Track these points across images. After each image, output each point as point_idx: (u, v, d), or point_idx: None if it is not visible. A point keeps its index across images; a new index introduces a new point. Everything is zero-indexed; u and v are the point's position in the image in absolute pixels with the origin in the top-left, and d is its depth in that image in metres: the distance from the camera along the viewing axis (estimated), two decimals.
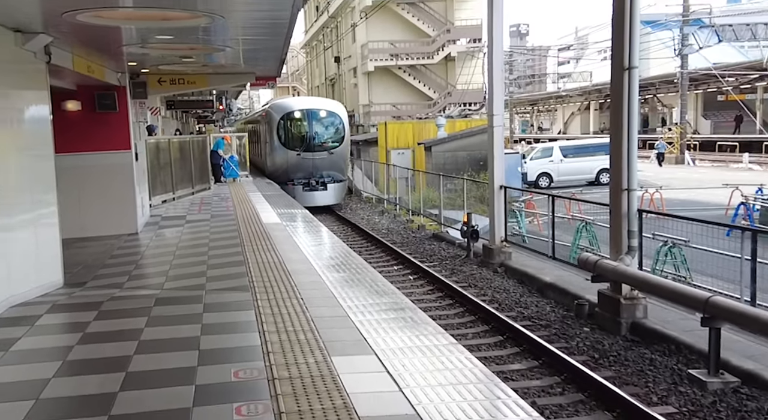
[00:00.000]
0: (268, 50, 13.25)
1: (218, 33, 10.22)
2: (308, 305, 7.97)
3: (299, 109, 30.78)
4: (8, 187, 8.43)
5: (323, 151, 29.69)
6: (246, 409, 5.10)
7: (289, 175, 29.29)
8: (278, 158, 30.08)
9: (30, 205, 9.25)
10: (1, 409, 5.35)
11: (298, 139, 30.16)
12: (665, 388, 8.81)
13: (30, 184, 9.31)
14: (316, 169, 29.22)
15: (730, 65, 50.07)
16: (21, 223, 8.86)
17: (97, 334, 7.35)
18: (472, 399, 5.18)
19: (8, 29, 8.73)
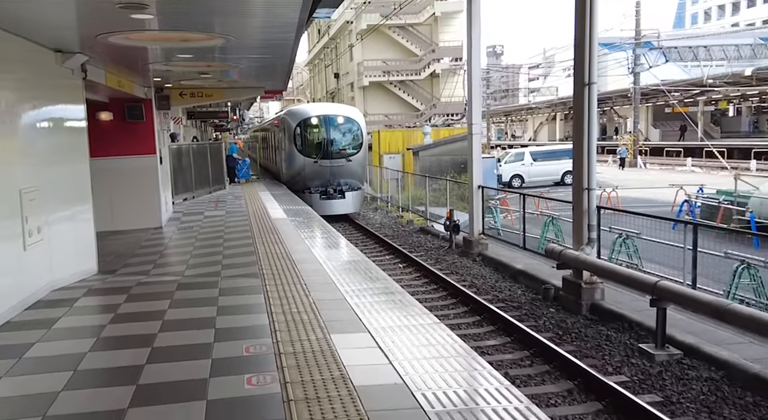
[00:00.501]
0: (276, 67, 13.23)
1: (232, 52, 10.21)
2: (310, 289, 7.99)
3: (316, 116, 25.95)
4: (50, 188, 8.41)
5: (341, 159, 25.06)
6: (256, 379, 5.12)
7: (306, 183, 24.72)
8: (295, 165, 25.33)
9: (69, 203, 9.25)
10: (44, 379, 5.37)
11: (316, 146, 25.38)
12: (619, 359, 8.85)
13: (69, 184, 9.32)
14: (333, 177, 24.73)
15: (676, 82, 50.24)
16: (61, 218, 8.85)
17: (127, 314, 7.38)
18: (452, 370, 5.21)
19: (50, 50, 8.74)
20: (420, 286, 13.78)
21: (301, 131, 25.31)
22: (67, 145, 9.39)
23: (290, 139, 25.21)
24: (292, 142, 25.12)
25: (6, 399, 5.04)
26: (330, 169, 24.75)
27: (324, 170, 24.71)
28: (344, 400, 4.66)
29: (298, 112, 27.07)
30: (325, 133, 25.44)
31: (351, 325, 6.47)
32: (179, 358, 5.73)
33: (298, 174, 25.20)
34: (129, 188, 14.03)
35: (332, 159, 24.87)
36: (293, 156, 25.19)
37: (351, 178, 25.18)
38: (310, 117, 25.84)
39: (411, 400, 4.63)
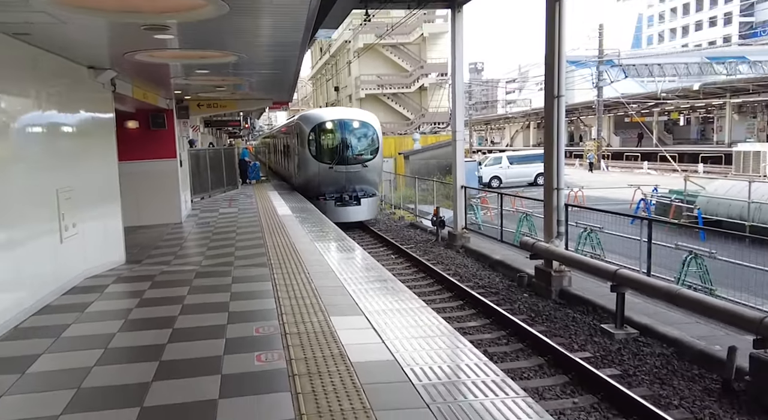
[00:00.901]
0: (282, 81, 13.22)
1: (244, 68, 10.19)
2: (313, 277, 7.97)
3: (331, 120, 22.03)
4: (83, 188, 8.40)
5: (357, 164, 21.34)
6: (264, 356, 5.12)
7: (320, 189, 21.19)
8: (309, 171, 21.60)
9: (100, 201, 9.23)
10: (79, 356, 5.38)
11: (331, 152, 21.67)
12: (583, 338, 8.89)
13: (99, 185, 9.31)
14: (349, 183, 21.11)
15: (633, 95, 50.46)
16: (93, 215, 8.83)
17: (151, 299, 7.36)
18: (437, 348, 5.22)
19: (83, 66, 8.73)
20: (410, 275, 13.81)
21: (315, 136, 21.68)
22: (98, 150, 9.38)
23: (304, 144, 21.64)
24: (306, 147, 21.48)
25: (46, 373, 5.03)
26: (345, 174, 21.13)
27: (339, 176, 21.06)
28: (342, 374, 4.67)
29: (312, 117, 22.92)
30: (340, 137, 21.74)
31: (348, 308, 6.47)
32: (197, 338, 5.73)
33: (312, 180, 21.60)
34: (152, 188, 14.01)
35: (348, 164, 21.19)
36: (307, 161, 21.57)
37: (366, 184, 21.49)
38: (324, 121, 21.96)
39: (401, 374, 4.64)
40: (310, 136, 21.51)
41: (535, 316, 10.11)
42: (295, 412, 4.05)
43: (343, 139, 21.60)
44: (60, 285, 7.66)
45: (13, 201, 6.43)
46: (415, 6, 17.15)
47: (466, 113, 59.50)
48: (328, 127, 21.83)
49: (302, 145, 21.83)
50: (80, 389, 4.64)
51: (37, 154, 7.15)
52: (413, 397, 4.22)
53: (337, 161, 21.18)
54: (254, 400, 4.30)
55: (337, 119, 22.06)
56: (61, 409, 4.31)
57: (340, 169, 21.13)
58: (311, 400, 4.21)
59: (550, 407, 6.68)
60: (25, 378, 4.93)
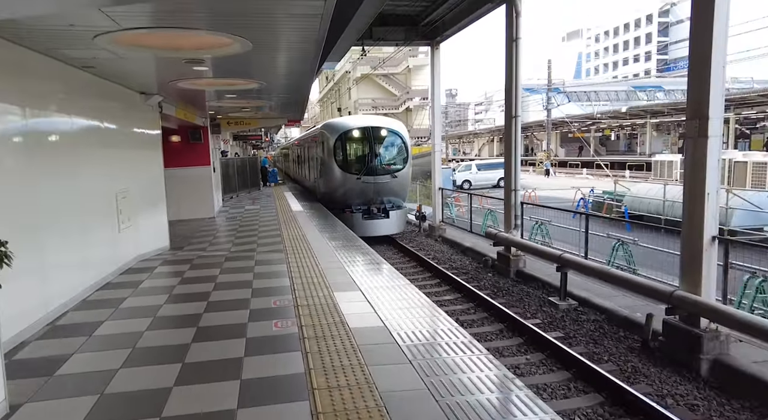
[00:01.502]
0: (295, 103, 13.19)
1: (264, 93, 10.18)
2: (319, 260, 7.97)
3: (358, 128, 16.95)
4: (136, 189, 8.37)
5: (386, 175, 16.44)
6: (281, 323, 5.13)
7: (347, 201, 16.46)
8: (335, 183, 16.67)
9: (149, 200, 9.19)
10: (133, 323, 5.37)
11: (358, 162, 16.67)
12: (535, 308, 8.92)
13: (150, 187, 9.29)
14: (377, 195, 16.39)
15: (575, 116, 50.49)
16: (144, 211, 8.80)
17: (190, 278, 7.34)
18: (419, 317, 5.23)
19: (136, 92, 8.70)
20: (397, 258, 13.79)
21: (341, 145, 16.73)
22: (148, 159, 9.33)
23: (329, 153, 16.65)
24: (332, 157, 16.50)
25: (108, 336, 5.02)
26: (374, 186, 16.24)
27: (367, 187, 16.20)
28: (342, 337, 4.67)
29: (337, 125, 17.54)
30: (368, 146, 16.70)
31: (348, 285, 6.47)
32: (227, 309, 5.73)
33: (337, 192, 16.60)
34: (191, 189, 13.99)
35: (376, 175, 16.18)
36: (332, 172, 16.55)
37: (395, 195, 16.63)
38: (351, 129, 16.84)
39: (389, 337, 4.65)
40: (336, 146, 16.61)
41: (497, 291, 10.14)
42: (305, 367, 4.05)
43: (371, 148, 16.59)
44: (118, 266, 7.64)
45: (82, 201, 6.41)
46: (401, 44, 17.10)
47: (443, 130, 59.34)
48: (355, 136, 16.80)
49: (327, 154, 16.78)
50: (134, 349, 4.64)
51: (99, 163, 7.12)
52: (399, 355, 4.24)
53: (365, 172, 16.19)
54: (272, 358, 4.31)
55: (365, 127, 16.90)
56: (120, 364, 4.31)
57: (368, 180, 16.19)
58: (317, 358, 4.22)
59: (507, 362, 6.71)
60: (92, 339, 4.93)
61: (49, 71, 5.77)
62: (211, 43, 5.49)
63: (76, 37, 4.91)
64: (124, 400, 3.71)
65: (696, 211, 6.45)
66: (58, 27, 4.59)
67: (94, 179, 6.87)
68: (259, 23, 4.81)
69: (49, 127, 5.77)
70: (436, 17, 15.12)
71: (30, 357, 4.56)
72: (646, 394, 5.72)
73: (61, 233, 5.80)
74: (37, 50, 5.40)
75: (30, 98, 5.31)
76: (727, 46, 6.22)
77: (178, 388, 3.83)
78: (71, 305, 5.96)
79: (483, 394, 3.55)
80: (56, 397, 3.79)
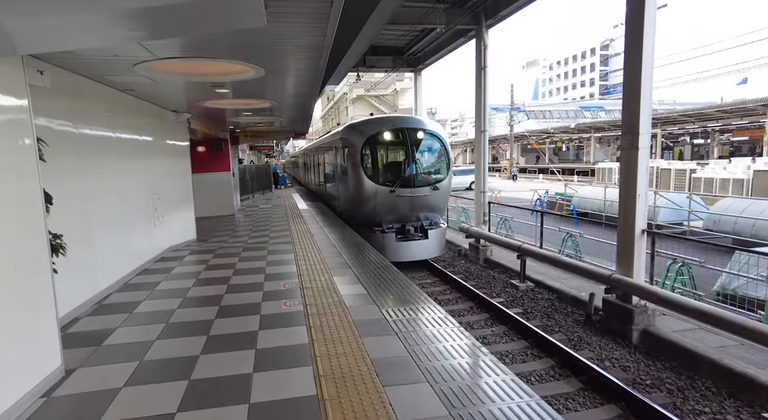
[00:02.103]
0: (301, 119, 13.11)
1: (275, 111, 10.11)
2: (320, 249, 7.96)
3: (391, 130, 10.85)
4: (169, 191, 8.32)
5: (425, 186, 10.68)
6: (289, 303, 5.12)
7: (377, 219, 10.81)
8: (362, 196, 10.72)
9: (179, 200, 9.12)
10: (166, 303, 5.34)
11: (393, 171, 10.79)
12: (499, 289, 8.98)
13: (179, 189, 9.19)
14: (413, 211, 10.80)
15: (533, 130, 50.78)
16: (175, 209, 8.74)
17: (214, 265, 7.30)
18: (403, 295, 5.24)
19: (169, 110, 8.61)
20: None
21: (370, 151, 10.99)
22: (178, 166, 9.25)
23: (355, 162, 10.91)
24: (359, 165, 10.85)
25: (146, 313, 5.00)
26: (411, 200, 10.71)
27: (402, 202, 10.72)
28: (340, 313, 4.70)
29: (364, 127, 11.39)
30: (403, 152, 10.95)
31: (344, 271, 6.47)
32: (244, 291, 5.71)
33: (366, 207, 10.89)
34: (214, 191, 13.88)
35: (414, 187, 10.65)
36: (360, 184, 10.86)
37: (433, 211, 11.03)
38: (381, 132, 10.95)
39: (379, 314, 4.67)
40: (364, 152, 10.87)
41: (468, 275, 10.19)
42: (309, 338, 4.07)
43: (408, 154, 10.77)
44: (154, 255, 7.58)
45: (124, 200, 6.37)
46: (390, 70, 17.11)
47: None
48: (387, 139, 10.97)
49: (353, 163, 10.97)
50: (168, 324, 4.63)
51: (138, 169, 7.06)
52: (386, 328, 4.27)
53: (400, 183, 10.59)
54: (281, 331, 4.31)
55: (399, 128, 10.97)
56: (156, 336, 4.30)
57: (404, 193, 10.62)
58: (319, 331, 4.24)
59: (476, 334, 6.77)
60: (132, 316, 4.90)
61: (95, 93, 5.73)
62: (231, 70, 5.47)
63: (118, 65, 4.89)
64: (160, 365, 3.71)
65: (629, 209, 6.55)
66: (104, 57, 4.56)
67: (134, 183, 6.83)
68: (271, 53, 4.82)
69: (96, 140, 5.72)
70: (418, 49, 15.14)
71: (81, 330, 4.54)
72: (589, 358, 5.81)
73: (107, 227, 5.76)
74: (86, 76, 5.36)
75: (79, 115, 5.27)
76: (653, 74, 6.32)
77: (204, 356, 3.83)
78: (115, 288, 5.93)
79: (455, 360, 3.59)
80: (104, 363, 3.79)
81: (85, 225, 5.20)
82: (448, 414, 2.82)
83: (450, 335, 4.08)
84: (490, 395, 3.02)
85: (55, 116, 4.75)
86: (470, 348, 3.80)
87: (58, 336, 3.59)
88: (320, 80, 6.80)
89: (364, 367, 3.49)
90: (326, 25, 3.88)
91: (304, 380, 3.33)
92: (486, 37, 10.92)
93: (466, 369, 3.41)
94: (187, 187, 9.62)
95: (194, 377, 3.47)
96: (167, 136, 8.63)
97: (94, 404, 3.14)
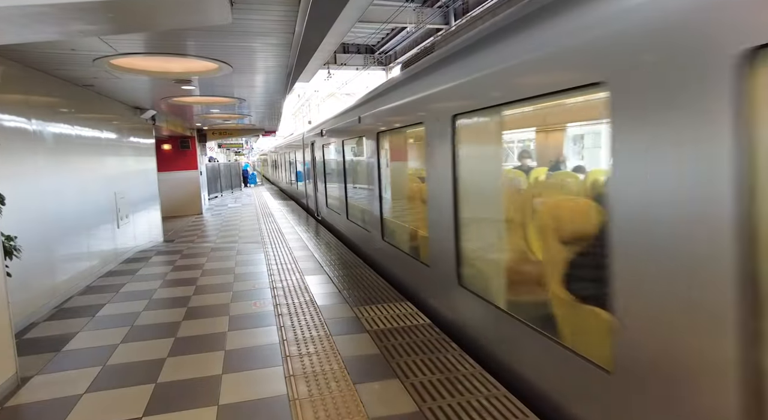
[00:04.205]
0: (271, 117, 12.99)
1: (244, 108, 9.98)
2: (292, 249, 7.90)
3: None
4: (133, 190, 8.11)
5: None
6: (259, 303, 5.07)
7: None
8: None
9: (145, 199, 8.90)
10: (132, 305, 5.20)
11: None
12: None
13: (146, 188, 9.00)
14: None
15: None
16: (142, 208, 8.55)
17: (181, 265, 7.16)
18: (375, 294, 5.23)
19: (131, 107, 8.40)
20: None
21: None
22: (143, 165, 9.02)
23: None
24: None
25: (110, 316, 4.86)
26: None
27: None
28: (312, 313, 4.69)
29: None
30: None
31: (316, 270, 6.43)
32: (212, 291, 5.62)
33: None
34: (182, 190, 13.61)
35: None
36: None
37: None
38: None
39: (351, 312, 4.68)
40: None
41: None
42: (279, 338, 4.05)
43: None
44: (118, 257, 7.38)
45: (84, 200, 6.17)
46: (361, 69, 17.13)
47: None
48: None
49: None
50: (132, 327, 4.52)
51: (99, 168, 6.85)
52: (358, 326, 4.28)
53: None
54: (251, 331, 4.27)
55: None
56: (120, 339, 4.19)
57: None
58: (290, 330, 4.22)
59: None
60: (94, 320, 4.76)
61: (51, 88, 5.52)
62: (197, 67, 5.38)
63: (76, 60, 4.72)
64: (124, 369, 3.62)
65: None
66: (61, 51, 4.40)
67: (95, 182, 6.62)
68: (239, 51, 4.75)
69: (53, 137, 5.51)
70: (389, 47, 15.21)
71: (38, 336, 4.37)
72: None
73: (66, 228, 5.57)
74: (42, 70, 5.16)
75: (34, 111, 5.07)
76: None
77: (171, 359, 3.76)
78: (76, 291, 5.73)
79: (426, 355, 3.64)
80: (63, 369, 3.66)
81: (41, 226, 5.01)
82: (418, 409, 2.86)
83: (420, 330, 4.13)
84: (459, 388, 3.08)
85: (6, 112, 4.56)
86: (440, 342, 3.87)
87: (12, 342, 3.45)
88: (290, 77, 6.76)
89: (336, 365, 3.50)
90: (294, 22, 3.87)
91: (275, 380, 3.32)
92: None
93: (436, 363, 3.47)
94: (152, 187, 9.39)
95: (161, 380, 3.40)
96: (131, 133, 8.40)
97: (53, 413, 3.04)
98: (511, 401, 2.89)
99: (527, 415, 2.73)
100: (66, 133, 5.83)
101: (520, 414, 2.75)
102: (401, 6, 11.14)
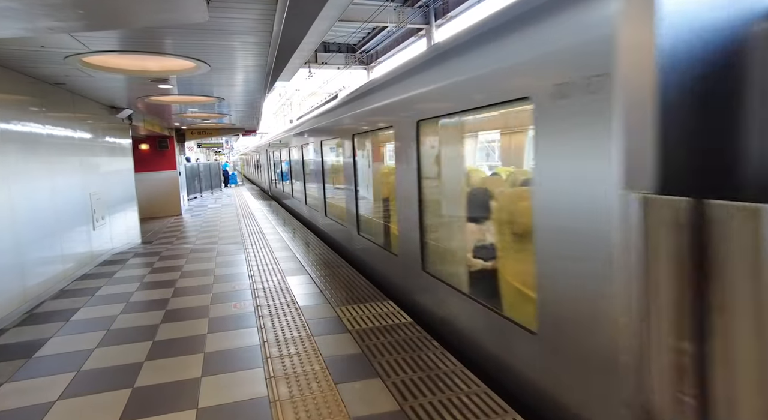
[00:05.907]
0: (251, 116, 12.85)
1: (224, 107, 9.85)
2: (273, 250, 7.84)
3: None
4: (110, 191, 7.92)
5: None
6: (239, 304, 5.02)
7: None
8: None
9: (122, 200, 8.72)
10: (108, 309, 5.08)
11: None
12: None
13: (123, 189, 8.81)
14: None
15: None
16: (119, 209, 8.36)
17: (159, 268, 7.03)
18: (357, 294, 5.25)
19: (107, 107, 8.20)
20: None
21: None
22: (119, 165, 8.83)
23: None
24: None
25: (84, 320, 4.74)
26: None
27: None
28: (293, 314, 4.65)
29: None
30: None
31: (298, 271, 6.39)
32: (192, 294, 5.53)
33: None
34: (160, 190, 13.37)
35: None
36: None
37: None
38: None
39: (333, 312, 4.66)
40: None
41: None
42: (260, 340, 4.01)
43: None
44: (94, 259, 7.21)
45: (57, 202, 5.99)
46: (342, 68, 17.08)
47: None
48: None
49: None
50: (109, 331, 4.42)
51: (73, 169, 6.68)
52: (340, 327, 4.27)
53: None
54: (232, 333, 4.22)
55: None
56: (95, 344, 4.09)
57: None
58: (271, 332, 4.18)
59: None
60: (68, 324, 4.64)
61: (19, 86, 5.36)
62: (175, 66, 5.28)
63: (46, 57, 4.59)
64: (99, 374, 3.53)
65: None
66: (30, 48, 4.27)
67: (69, 183, 6.45)
68: (217, 49, 4.68)
69: (22, 137, 5.35)
70: (370, 47, 15.20)
71: (8, 342, 4.24)
72: None
73: (37, 231, 5.41)
74: (9, 67, 5.00)
75: (3, 109, 4.91)
76: None
77: (149, 363, 3.69)
78: (49, 295, 5.58)
79: (407, 353, 3.65)
80: (35, 376, 3.56)
81: (10, 229, 4.86)
82: (400, 408, 2.87)
83: (402, 329, 4.13)
84: (440, 386, 3.10)
85: None
86: (421, 340, 3.88)
87: None
88: (270, 76, 6.69)
89: (317, 365, 3.48)
90: (272, 21, 3.82)
91: (255, 382, 3.28)
92: (434, 38, 11.12)
93: (417, 361, 3.48)
94: (129, 187, 9.20)
95: (138, 385, 3.33)
96: (106, 133, 8.21)
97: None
98: (491, 398, 2.92)
99: (507, 411, 2.76)
100: (37, 132, 5.67)
101: (500, 410, 2.77)
102: (382, 5, 11.13)
